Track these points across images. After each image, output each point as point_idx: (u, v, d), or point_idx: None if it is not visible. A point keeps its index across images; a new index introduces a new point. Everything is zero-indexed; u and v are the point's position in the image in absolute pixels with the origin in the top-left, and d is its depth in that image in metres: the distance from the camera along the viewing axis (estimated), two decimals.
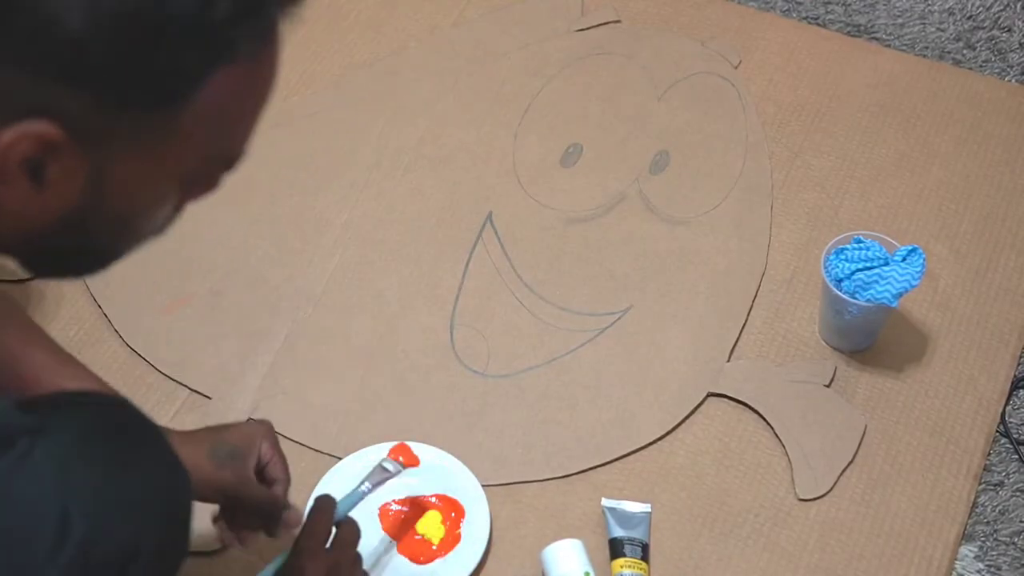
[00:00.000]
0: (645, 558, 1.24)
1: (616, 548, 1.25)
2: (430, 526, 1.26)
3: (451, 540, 1.26)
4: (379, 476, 1.21)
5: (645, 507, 1.28)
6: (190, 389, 1.38)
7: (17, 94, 0.68)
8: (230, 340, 1.41)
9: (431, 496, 1.28)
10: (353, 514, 1.28)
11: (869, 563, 1.27)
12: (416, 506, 1.28)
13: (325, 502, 1.12)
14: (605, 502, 1.28)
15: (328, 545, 1.10)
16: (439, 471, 1.29)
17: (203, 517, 1.28)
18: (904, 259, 1.33)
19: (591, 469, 1.32)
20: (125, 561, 0.84)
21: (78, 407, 0.89)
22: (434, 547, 1.25)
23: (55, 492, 0.78)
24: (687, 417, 1.36)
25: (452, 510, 1.27)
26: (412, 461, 1.27)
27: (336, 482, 1.29)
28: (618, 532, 1.25)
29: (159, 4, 0.67)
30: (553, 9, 1.71)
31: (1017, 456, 1.35)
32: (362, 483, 1.19)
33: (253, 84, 0.74)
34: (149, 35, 0.67)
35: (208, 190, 0.81)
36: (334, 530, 1.12)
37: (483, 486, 1.29)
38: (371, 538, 1.20)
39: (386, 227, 1.51)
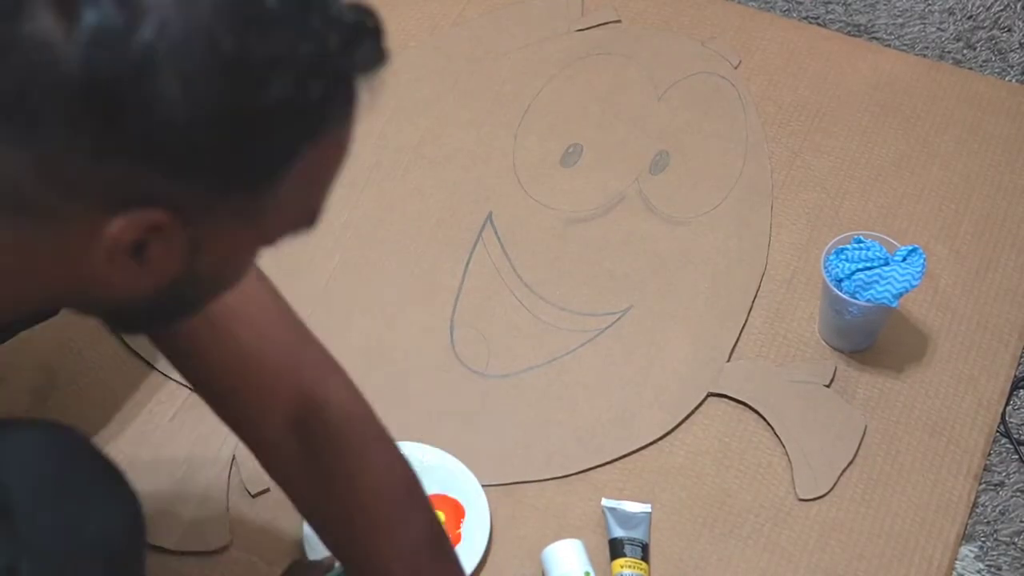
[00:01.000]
0: (645, 558, 1.24)
1: (616, 548, 1.25)
2: None
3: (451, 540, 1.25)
4: None
5: (645, 507, 1.28)
6: (190, 389, 1.37)
7: (125, 184, 0.69)
8: None
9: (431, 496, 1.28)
10: None
11: (869, 563, 1.27)
12: None
13: None
14: (605, 502, 1.28)
15: None
16: (439, 471, 1.29)
17: (213, 512, 1.28)
18: (904, 259, 1.33)
19: (591, 469, 1.32)
20: None
21: (25, 435, 0.88)
22: None
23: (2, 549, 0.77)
24: (687, 417, 1.36)
25: (452, 510, 1.27)
26: None
27: None
28: (618, 532, 1.25)
29: (257, 96, 0.69)
30: (553, 9, 1.71)
31: (1017, 456, 1.35)
32: None
33: (339, 147, 0.76)
34: (250, 124, 0.69)
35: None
36: None
37: (483, 486, 1.29)
38: None
39: (386, 227, 1.51)
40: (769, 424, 1.35)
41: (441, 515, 1.26)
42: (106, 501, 0.88)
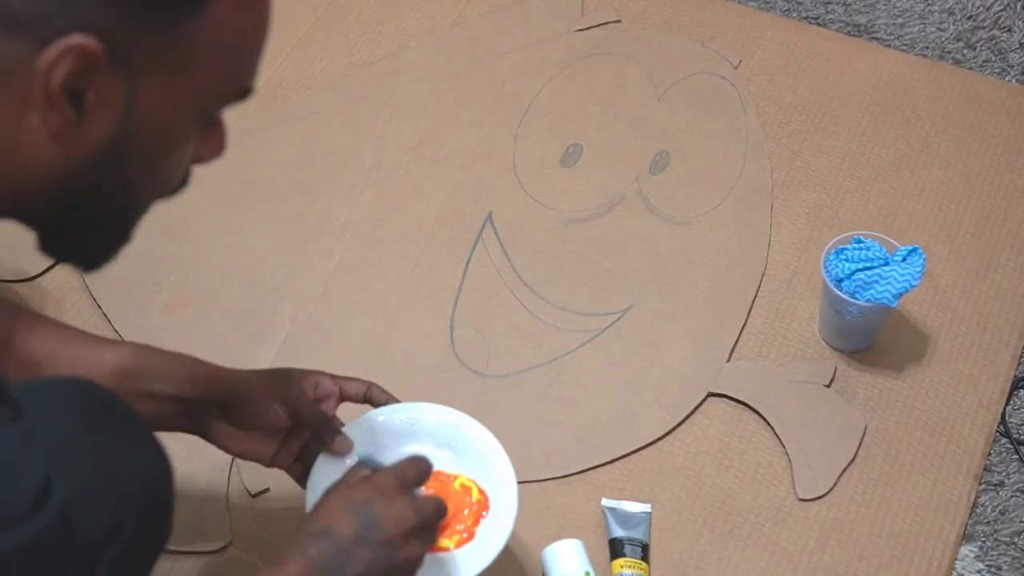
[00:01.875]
0: (645, 558, 1.24)
1: (616, 548, 1.25)
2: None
3: (463, 536, 1.15)
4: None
5: (645, 507, 1.28)
6: None
7: (53, 16, 0.71)
8: (230, 340, 1.41)
9: (463, 477, 1.19)
10: None
11: (869, 563, 1.27)
12: (444, 490, 1.17)
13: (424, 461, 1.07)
14: (605, 502, 1.28)
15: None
16: (474, 453, 1.19)
17: (213, 512, 1.28)
18: (904, 259, 1.33)
19: (591, 469, 1.32)
20: (107, 539, 0.85)
21: (55, 389, 0.89)
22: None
23: (38, 459, 0.77)
24: (687, 417, 1.36)
25: (477, 502, 1.17)
26: None
27: (332, 467, 1.20)
28: (618, 532, 1.26)
29: None
30: (553, 9, 1.71)
31: (1017, 456, 1.35)
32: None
33: (256, 5, 0.79)
34: None
35: (217, 147, 0.84)
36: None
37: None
38: None
39: (386, 227, 1.51)
40: (769, 424, 1.35)
41: (477, 495, 1.17)
42: (136, 447, 0.89)
